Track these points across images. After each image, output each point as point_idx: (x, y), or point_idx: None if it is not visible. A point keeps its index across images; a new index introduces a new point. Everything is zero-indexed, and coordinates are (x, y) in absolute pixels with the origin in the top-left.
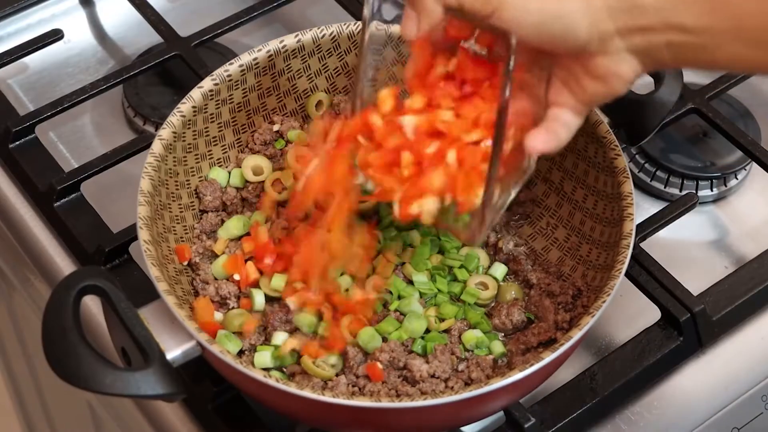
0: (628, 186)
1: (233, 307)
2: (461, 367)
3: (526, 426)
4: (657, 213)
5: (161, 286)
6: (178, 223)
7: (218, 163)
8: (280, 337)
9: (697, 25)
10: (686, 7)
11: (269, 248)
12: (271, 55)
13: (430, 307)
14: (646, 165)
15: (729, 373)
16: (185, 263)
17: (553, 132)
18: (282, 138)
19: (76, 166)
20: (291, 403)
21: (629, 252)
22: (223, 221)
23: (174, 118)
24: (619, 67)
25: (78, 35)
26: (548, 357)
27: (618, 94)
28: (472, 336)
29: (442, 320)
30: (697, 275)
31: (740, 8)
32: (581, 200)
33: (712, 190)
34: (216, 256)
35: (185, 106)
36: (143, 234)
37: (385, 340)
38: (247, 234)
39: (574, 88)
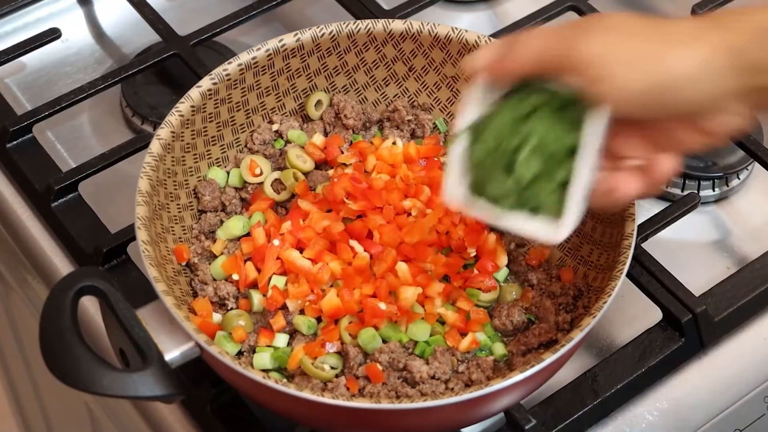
0: None
1: (232, 308)
2: (461, 368)
3: (526, 427)
4: (659, 213)
5: (159, 287)
6: (176, 223)
7: (217, 163)
8: (281, 339)
9: None
10: None
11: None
12: (270, 54)
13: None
14: None
15: (731, 374)
16: (184, 264)
17: (649, 183)
18: (281, 138)
19: (74, 165)
20: (290, 405)
21: (630, 252)
22: (222, 221)
23: (172, 118)
24: (730, 122)
25: (76, 34)
26: (549, 358)
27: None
28: (474, 339)
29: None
30: (699, 276)
31: None
32: None
33: (714, 190)
34: (215, 256)
35: (184, 106)
36: (141, 234)
37: (384, 341)
38: (246, 234)
39: (664, 142)
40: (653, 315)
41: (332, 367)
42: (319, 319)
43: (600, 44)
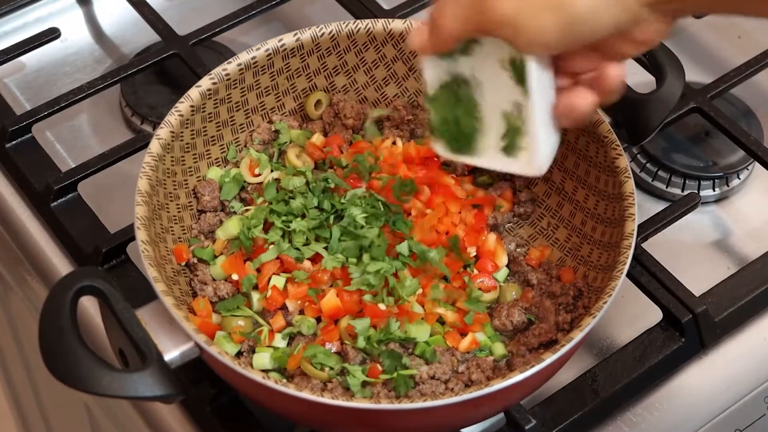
0: (630, 186)
1: None
2: (461, 368)
3: (526, 427)
4: (659, 213)
5: (159, 287)
6: (176, 223)
7: (216, 162)
8: (280, 339)
9: None
10: None
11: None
12: (269, 54)
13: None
14: (648, 165)
15: (731, 374)
16: (183, 264)
17: (602, 93)
18: (281, 137)
19: (73, 165)
20: (290, 405)
21: (631, 252)
22: (221, 221)
23: (172, 118)
24: (655, 30)
25: (75, 34)
26: (549, 358)
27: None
28: (474, 339)
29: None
30: (699, 276)
31: None
32: (582, 200)
33: (714, 190)
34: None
35: (183, 106)
36: (141, 234)
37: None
38: None
39: (607, 52)
40: (653, 315)
41: (332, 368)
42: (318, 319)
43: (507, 1)
